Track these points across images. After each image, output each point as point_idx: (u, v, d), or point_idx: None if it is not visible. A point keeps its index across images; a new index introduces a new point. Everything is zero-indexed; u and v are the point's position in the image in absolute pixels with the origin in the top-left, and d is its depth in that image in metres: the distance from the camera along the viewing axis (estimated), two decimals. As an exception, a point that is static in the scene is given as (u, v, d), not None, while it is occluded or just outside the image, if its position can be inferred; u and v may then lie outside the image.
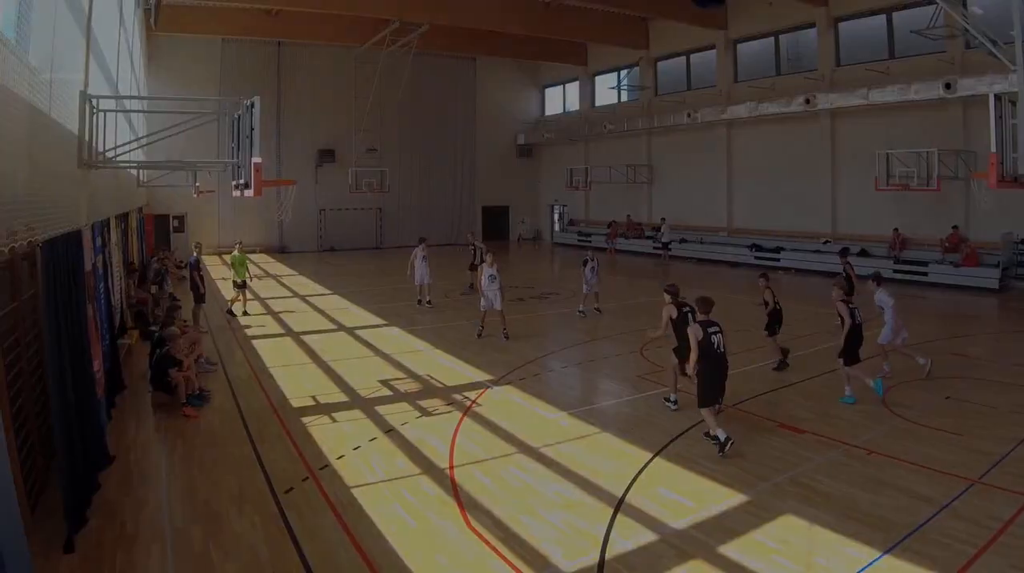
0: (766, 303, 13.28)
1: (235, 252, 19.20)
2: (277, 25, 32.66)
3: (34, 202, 6.35)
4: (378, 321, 18.16)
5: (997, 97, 12.70)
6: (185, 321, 14.80)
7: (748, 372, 12.58)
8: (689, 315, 10.11)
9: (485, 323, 15.91)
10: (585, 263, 18.55)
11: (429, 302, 20.28)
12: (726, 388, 9.51)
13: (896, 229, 25.70)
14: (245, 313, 18.89)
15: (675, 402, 10.73)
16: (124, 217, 19.34)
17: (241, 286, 18.85)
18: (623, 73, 39.50)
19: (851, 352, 10.81)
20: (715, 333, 9.15)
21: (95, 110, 10.03)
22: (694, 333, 9.09)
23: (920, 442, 9.09)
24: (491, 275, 15.70)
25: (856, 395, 10.80)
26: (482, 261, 17.54)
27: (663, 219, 35.03)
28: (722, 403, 9.74)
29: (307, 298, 22.38)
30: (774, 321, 13.19)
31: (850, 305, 10.89)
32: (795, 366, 13.00)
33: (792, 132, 29.92)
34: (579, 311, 18.31)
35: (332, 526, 6.96)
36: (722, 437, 8.73)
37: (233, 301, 19.11)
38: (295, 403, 11.23)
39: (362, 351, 15.07)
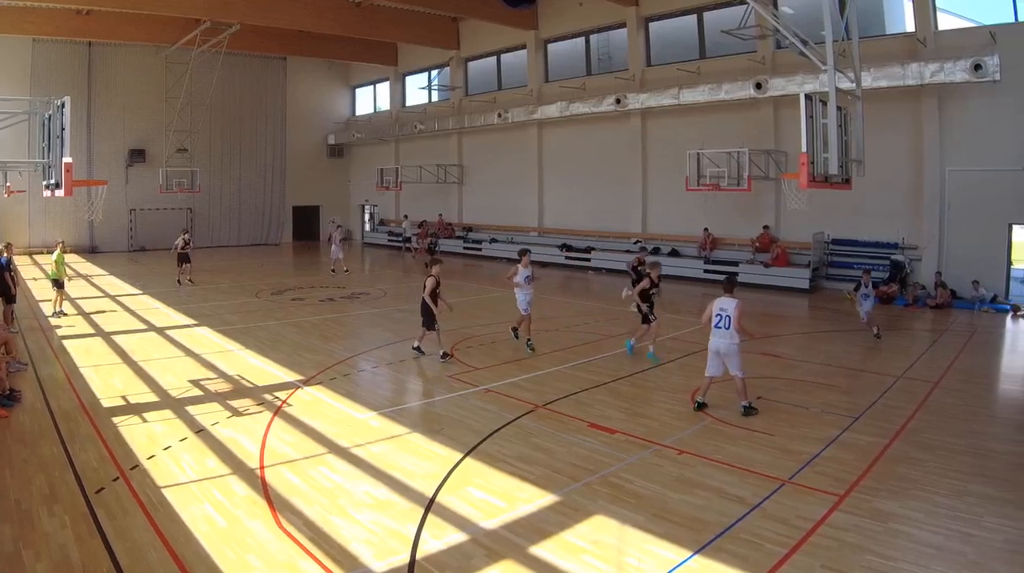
0: None
1: (57, 251, 18.09)
2: (88, 25, 30.20)
3: None
4: (188, 321, 17.49)
5: (808, 97, 12.63)
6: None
7: (560, 372, 12.66)
8: None
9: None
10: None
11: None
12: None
13: (706, 229, 25.13)
14: (63, 313, 17.64)
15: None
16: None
17: (59, 286, 17.70)
18: (434, 73, 38.50)
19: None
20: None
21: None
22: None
23: (731, 442, 8.90)
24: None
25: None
26: None
27: (406, 216, 36.52)
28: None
29: (117, 298, 21.08)
30: None
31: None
32: (607, 367, 12.96)
33: (603, 132, 29.11)
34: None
35: (143, 526, 6.69)
36: None
37: (60, 301, 17.85)
38: (106, 403, 10.71)
39: (172, 351, 14.49)
